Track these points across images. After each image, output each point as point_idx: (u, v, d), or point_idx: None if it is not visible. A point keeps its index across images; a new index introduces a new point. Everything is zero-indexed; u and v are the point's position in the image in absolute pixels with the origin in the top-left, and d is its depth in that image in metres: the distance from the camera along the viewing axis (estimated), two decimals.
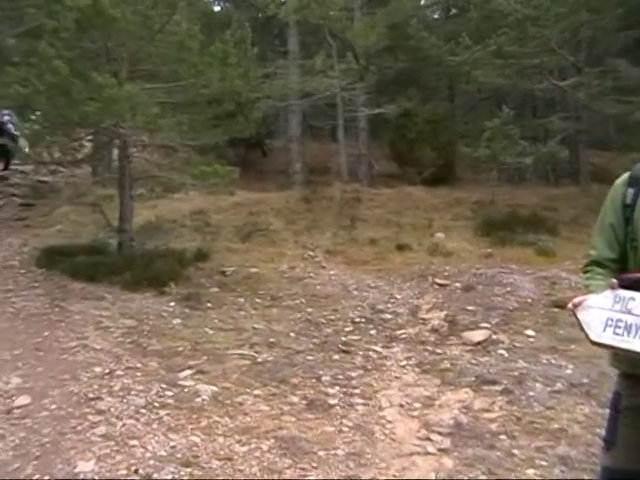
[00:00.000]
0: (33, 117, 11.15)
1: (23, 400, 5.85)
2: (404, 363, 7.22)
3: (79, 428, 5.33)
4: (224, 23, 13.10)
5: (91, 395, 5.97)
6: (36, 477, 4.62)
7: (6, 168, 19.29)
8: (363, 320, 8.62)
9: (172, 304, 9.03)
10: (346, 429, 5.59)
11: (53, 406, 5.76)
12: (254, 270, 10.57)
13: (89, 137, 12.49)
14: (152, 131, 10.53)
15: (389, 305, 9.23)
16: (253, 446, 5.15)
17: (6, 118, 18.59)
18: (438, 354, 7.44)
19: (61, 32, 9.48)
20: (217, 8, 22.77)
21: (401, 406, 6.12)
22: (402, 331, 8.26)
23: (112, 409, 5.69)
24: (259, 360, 7.10)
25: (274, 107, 17.07)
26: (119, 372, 6.54)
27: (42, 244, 11.75)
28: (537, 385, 6.38)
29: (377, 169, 19.26)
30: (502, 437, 5.41)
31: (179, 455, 4.95)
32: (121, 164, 10.90)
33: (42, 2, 10.46)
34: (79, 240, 11.78)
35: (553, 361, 6.98)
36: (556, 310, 8.40)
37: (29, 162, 12.86)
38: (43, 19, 10.32)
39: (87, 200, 12.30)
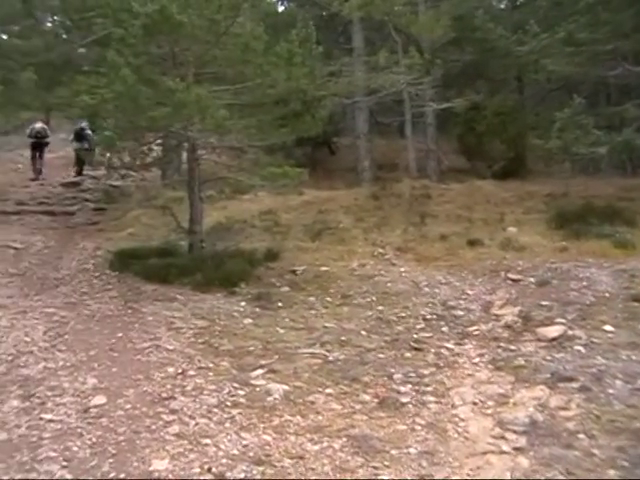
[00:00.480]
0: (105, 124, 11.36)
1: (99, 400, 5.99)
2: (477, 360, 7.10)
3: (153, 427, 5.44)
4: (288, 23, 13.10)
5: (164, 395, 6.08)
6: (112, 474, 4.72)
7: (80, 173, 19.99)
8: (434, 317, 8.50)
9: (243, 304, 9.09)
10: (418, 427, 5.53)
11: (128, 406, 5.88)
12: (324, 269, 10.54)
13: (158, 141, 12.67)
14: (221, 133, 10.60)
15: (461, 301, 9.08)
16: (325, 445, 5.14)
17: (84, 124, 19.46)
18: (512, 351, 7.29)
19: (128, 39, 9.63)
20: (281, 8, 22.84)
21: (474, 404, 6.02)
22: (474, 327, 8.12)
23: (185, 408, 5.77)
24: (330, 359, 7.09)
25: (341, 105, 17.04)
26: (191, 372, 6.62)
27: (115, 247, 12.00)
28: (617, 382, 6.17)
29: (446, 164, 19.03)
30: (580, 436, 5.26)
31: (251, 454, 4.98)
32: (190, 166, 11.03)
33: (110, 11, 10.66)
34: (150, 243, 11.97)
35: (634, 357, 6.74)
36: (636, 304, 8.13)
37: (100, 167, 13.10)
38: (111, 28, 10.52)
39: (157, 203, 12.49)
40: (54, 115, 27.59)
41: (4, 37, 20.53)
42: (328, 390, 6.24)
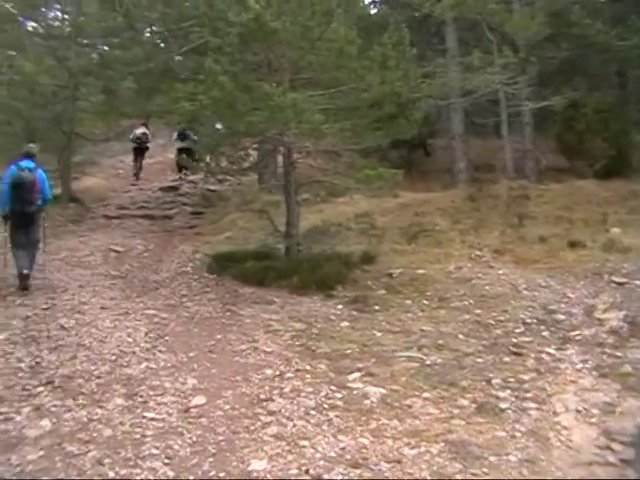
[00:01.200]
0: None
1: (199, 400, 6.13)
2: (580, 366, 6.90)
3: (252, 428, 5.51)
4: (381, 25, 13.07)
5: (262, 396, 6.15)
6: (212, 473, 4.80)
7: (183, 176, 20.53)
8: (534, 321, 8.32)
9: (340, 307, 9.13)
10: (519, 434, 5.41)
11: (227, 406, 5.98)
12: (421, 271, 10.46)
13: (254, 146, 12.86)
14: (316, 137, 10.67)
15: (562, 305, 8.86)
16: (422, 449, 5.09)
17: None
18: (618, 357, 7.06)
19: (225, 48, 9.83)
20: (373, 11, 22.78)
21: (578, 412, 5.84)
22: (577, 332, 7.89)
23: (283, 410, 5.82)
24: (427, 362, 7.03)
25: (435, 106, 16.87)
26: (289, 374, 6.68)
27: (212, 250, 12.27)
28: None
29: (544, 164, 18.57)
30: None
31: (348, 456, 4.98)
32: (286, 170, 11.15)
33: (206, 21, 10.91)
34: (248, 246, 12.17)
35: None
36: None
37: (198, 172, 13.41)
38: (208, 36, 10.75)
39: (254, 207, 12.66)
40: (152, 122, 28.46)
41: (106, 49, 21.27)
42: (425, 394, 6.19)
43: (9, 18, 21.31)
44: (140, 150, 21.68)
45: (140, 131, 21.65)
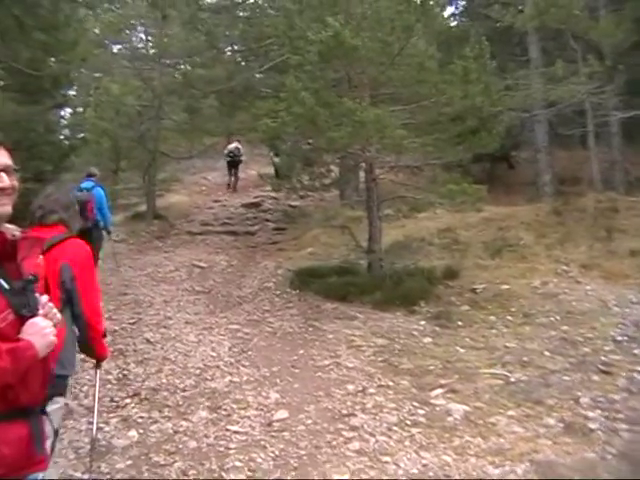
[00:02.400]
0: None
1: (281, 414, 6.17)
2: None
3: (334, 443, 5.50)
4: (462, 38, 12.97)
5: (345, 411, 6.14)
6: None
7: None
8: (625, 338, 8.01)
9: (422, 323, 9.05)
10: (609, 456, 5.20)
11: (309, 421, 6.00)
12: (505, 287, 10.27)
13: (336, 162, 12.91)
14: (398, 152, 10.66)
15: None
16: (507, 468, 4.97)
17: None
18: None
19: (305, 65, 9.94)
20: (453, 24, 22.63)
21: None
22: None
23: (365, 426, 5.80)
24: (512, 380, 6.88)
25: (518, 118, 16.61)
26: (371, 390, 6.65)
27: (295, 266, 12.35)
28: None
29: (634, 175, 18.03)
30: None
31: (431, 473, 4.91)
32: (368, 186, 11.14)
33: (287, 39, 11.05)
34: (330, 261, 12.20)
35: None
36: None
37: (280, 188, 13.54)
38: (288, 54, 10.88)
39: (336, 222, 12.69)
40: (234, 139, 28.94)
41: (188, 68, 21.78)
42: (510, 412, 6.05)
43: (97, 42, 22.03)
44: (234, 163, 22.74)
45: (233, 145, 22.62)
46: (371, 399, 6.41)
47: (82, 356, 4.42)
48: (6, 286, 2.26)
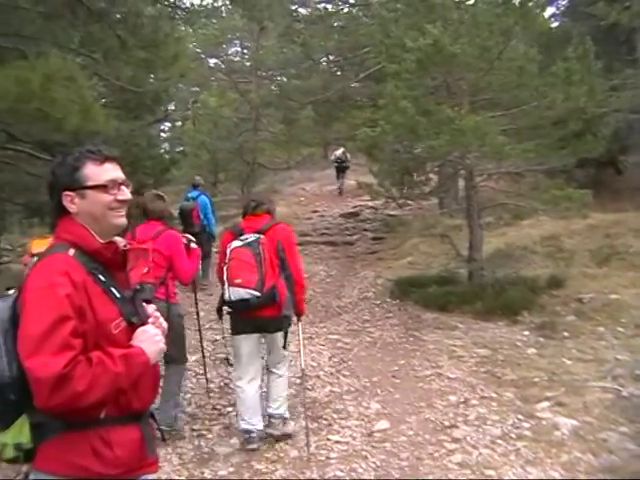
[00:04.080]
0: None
1: (382, 425, 6.12)
2: None
3: (436, 455, 5.40)
4: (563, 39, 12.61)
5: (447, 423, 6.03)
6: None
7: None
8: None
9: (526, 333, 8.80)
10: None
11: (410, 432, 5.92)
12: (614, 296, 9.81)
13: (435, 170, 12.78)
14: (499, 159, 10.45)
15: None
16: None
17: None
18: None
19: (402, 74, 9.88)
20: (554, 24, 22.01)
21: None
22: None
23: (468, 438, 5.66)
24: (624, 394, 6.55)
25: (625, 120, 16.00)
26: (474, 401, 6.51)
27: (394, 276, 12.27)
28: None
29: None
30: None
31: None
32: (468, 194, 10.96)
33: (383, 48, 11.02)
34: (429, 271, 12.06)
35: None
36: None
37: (379, 198, 13.49)
38: (384, 63, 10.84)
39: (436, 231, 12.54)
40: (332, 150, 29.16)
41: (284, 80, 22.08)
42: (622, 428, 5.76)
43: (194, 57, 22.61)
44: (341, 169, 23.56)
45: (340, 152, 23.36)
46: (474, 411, 6.27)
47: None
48: (118, 295, 2.36)
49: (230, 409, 6.75)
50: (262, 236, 5.54)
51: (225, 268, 5.51)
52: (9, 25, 10.48)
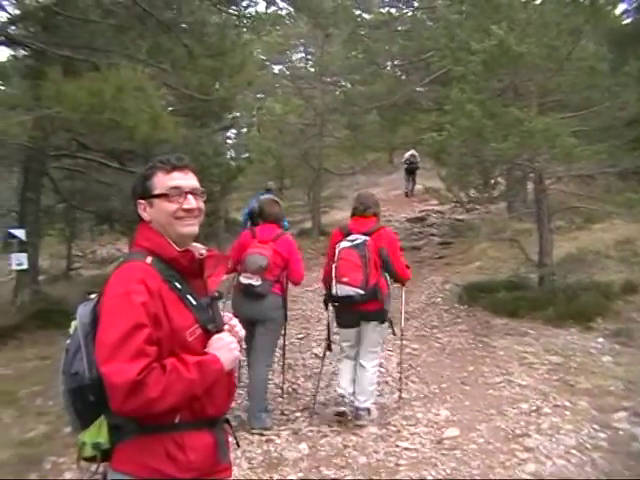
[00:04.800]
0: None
1: (452, 432, 6.03)
2: None
3: (507, 464, 5.30)
4: (636, 36, 12.27)
5: (518, 431, 5.91)
6: None
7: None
8: None
9: (600, 340, 8.56)
10: None
11: (480, 440, 5.82)
12: None
13: (503, 173, 12.59)
14: (569, 162, 10.22)
15: None
16: None
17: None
18: None
19: (468, 76, 9.77)
20: (626, 21, 21.37)
21: None
22: None
23: (541, 447, 5.53)
24: None
25: None
26: (546, 410, 6.36)
27: (462, 281, 12.14)
28: None
29: None
30: None
31: None
32: (537, 197, 10.74)
33: (448, 51, 10.92)
34: (498, 276, 11.86)
35: None
36: None
37: (446, 202, 13.37)
38: (449, 66, 10.73)
39: (504, 236, 12.32)
40: (396, 154, 29.11)
41: (349, 85, 22.09)
42: None
43: (259, 64, 22.80)
44: (411, 170, 24.00)
45: (409, 153, 23.69)
46: (546, 419, 6.12)
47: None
48: (194, 302, 2.41)
49: (299, 414, 6.80)
50: (368, 238, 6.22)
51: (334, 266, 6.22)
52: (81, 38, 10.81)
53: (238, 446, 2.95)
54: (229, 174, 18.12)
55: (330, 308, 6.62)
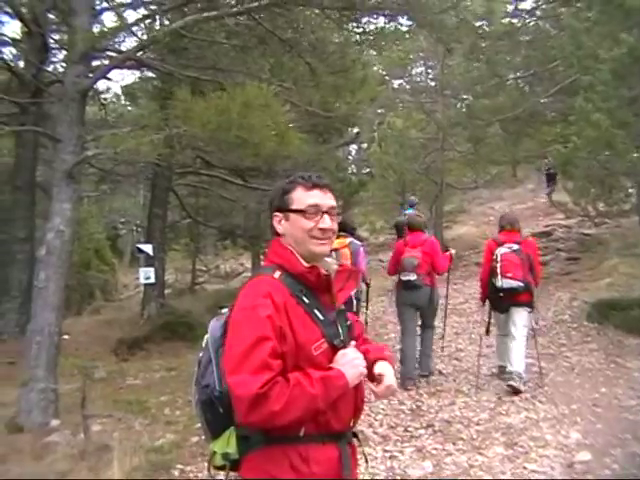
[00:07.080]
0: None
1: (584, 456, 5.76)
2: None
3: None
4: None
5: None
6: None
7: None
8: None
9: None
10: None
11: (615, 465, 5.55)
12: None
13: (635, 185, 12.11)
14: None
15: None
16: None
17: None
18: None
19: (596, 85, 9.47)
20: None
21: None
22: None
23: None
24: None
25: None
26: None
27: (591, 298, 11.69)
28: None
29: None
30: None
31: None
32: None
33: (574, 60, 10.63)
34: (631, 293, 11.34)
35: None
36: None
37: (573, 216, 12.99)
38: (576, 75, 10.44)
39: (637, 251, 11.83)
40: (521, 168, 28.47)
41: (471, 99, 21.81)
42: None
43: (380, 79, 22.82)
44: (551, 176, 23.60)
45: (546, 160, 23.12)
46: None
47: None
48: (321, 317, 2.42)
49: (422, 431, 6.72)
50: (520, 246, 7.92)
51: (498, 266, 7.82)
52: (206, 59, 11.18)
53: (367, 462, 2.93)
54: (351, 189, 18.25)
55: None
